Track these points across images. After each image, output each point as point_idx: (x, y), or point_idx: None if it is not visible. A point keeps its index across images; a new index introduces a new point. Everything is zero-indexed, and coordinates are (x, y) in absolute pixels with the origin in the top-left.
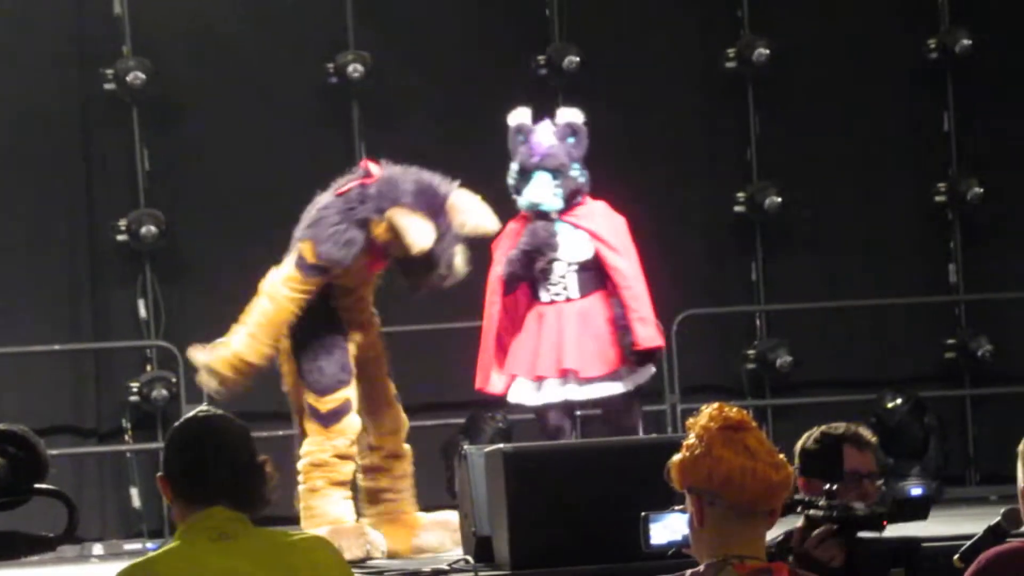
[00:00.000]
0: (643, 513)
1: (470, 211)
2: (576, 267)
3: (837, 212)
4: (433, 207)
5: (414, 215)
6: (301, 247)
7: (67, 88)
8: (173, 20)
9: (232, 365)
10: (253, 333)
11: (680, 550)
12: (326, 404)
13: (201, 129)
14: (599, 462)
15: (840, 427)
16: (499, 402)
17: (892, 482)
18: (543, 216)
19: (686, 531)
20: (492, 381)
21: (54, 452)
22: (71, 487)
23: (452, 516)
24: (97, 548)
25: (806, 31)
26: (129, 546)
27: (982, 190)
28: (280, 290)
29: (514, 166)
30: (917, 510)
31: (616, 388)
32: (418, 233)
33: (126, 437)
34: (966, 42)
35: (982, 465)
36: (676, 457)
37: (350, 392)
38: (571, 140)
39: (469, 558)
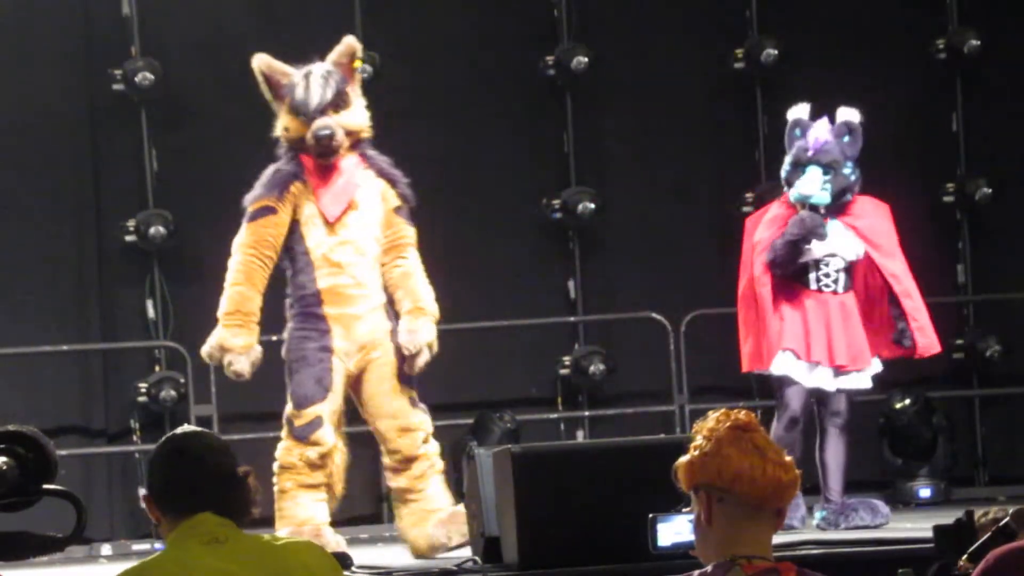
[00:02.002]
0: (651, 515)
1: None
2: (848, 264)
3: None
4: None
5: None
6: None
7: (75, 89)
8: (181, 21)
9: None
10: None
11: (688, 552)
12: (300, 418)
13: (210, 130)
14: (607, 462)
15: None
16: (510, 402)
17: (900, 483)
18: (812, 209)
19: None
20: (773, 359)
21: (63, 453)
22: (79, 487)
23: (461, 510)
24: (106, 548)
25: (814, 32)
26: (137, 546)
27: (990, 190)
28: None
29: (788, 159)
30: None
31: (867, 381)
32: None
33: (134, 438)
34: (974, 43)
35: (991, 465)
36: (683, 458)
37: (323, 408)
38: (846, 138)
39: (477, 558)
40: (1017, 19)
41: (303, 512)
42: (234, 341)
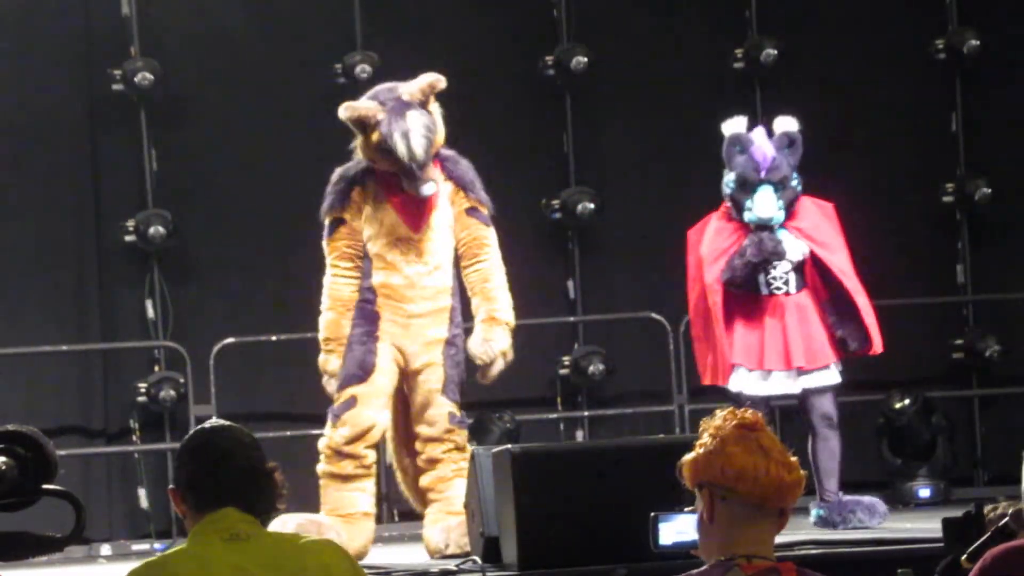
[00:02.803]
0: (652, 514)
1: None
2: (796, 265)
3: (843, 212)
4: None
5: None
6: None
7: (75, 88)
8: (181, 21)
9: None
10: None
11: (689, 552)
12: (338, 399)
13: (209, 129)
14: (607, 462)
15: None
16: (510, 402)
17: (899, 483)
18: (767, 228)
19: (695, 532)
20: (729, 375)
21: (62, 453)
22: (79, 488)
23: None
24: (105, 548)
25: (814, 31)
26: (137, 547)
27: (990, 191)
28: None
29: (731, 176)
30: None
31: (833, 378)
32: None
33: (134, 438)
34: (974, 42)
35: (990, 465)
36: (688, 455)
37: (359, 389)
38: (787, 150)
39: (477, 558)
40: (1017, 19)
41: (327, 500)
42: (329, 367)
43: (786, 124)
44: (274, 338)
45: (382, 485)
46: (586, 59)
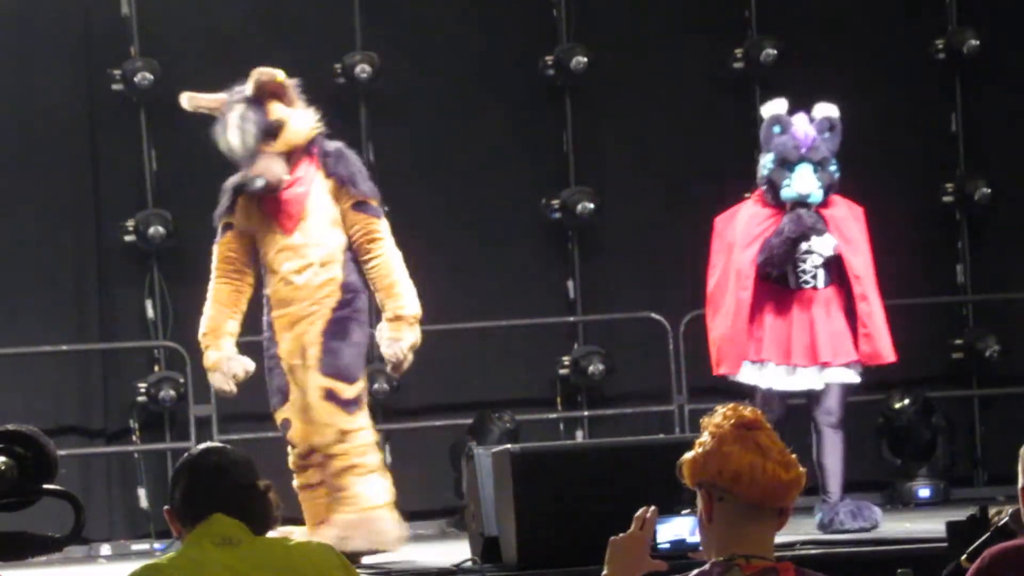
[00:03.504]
0: None
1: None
2: (826, 260)
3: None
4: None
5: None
6: None
7: (75, 89)
8: (181, 21)
9: None
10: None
11: (687, 553)
12: (276, 422)
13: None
14: (606, 462)
15: None
16: (509, 402)
17: (899, 483)
18: (805, 207)
19: (694, 533)
20: (743, 367)
21: (62, 453)
22: (78, 487)
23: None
24: (104, 548)
25: (814, 32)
26: (136, 546)
27: (990, 191)
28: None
29: (770, 156)
30: None
31: (852, 377)
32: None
33: (134, 438)
34: (974, 42)
35: (990, 465)
36: (688, 454)
37: (287, 411)
38: (828, 134)
39: (476, 558)
40: (1017, 19)
41: (306, 511)
42: (208, 361)
43: (827, 110)
44: None
45: None
46: (586, 59)
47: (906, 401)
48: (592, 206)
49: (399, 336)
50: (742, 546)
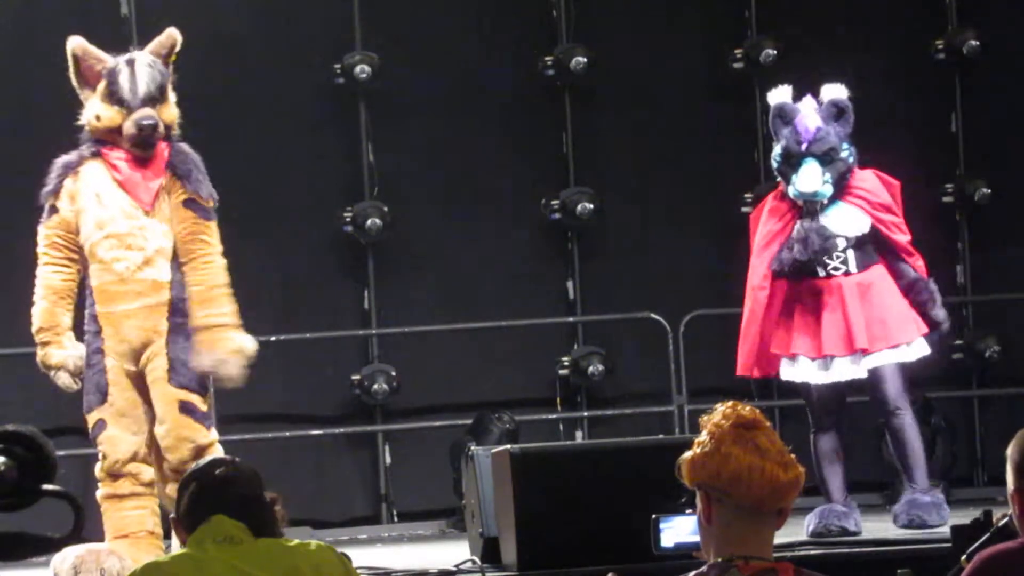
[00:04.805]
0: (654, 516)
1: None
2: (853, 241)
3: None
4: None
5: None
6: None
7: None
8: (180, 21)
9: None
10: None
11: (691, 553)
12: (89, 423)
13: (207, 130)
14: (606, 463)
15: None
16: (509, 403)
17: (899, 483)
18: (812, 206)
19: (696, 533)
20: (782, 365)
21: (62, 453)
22: (77, 488)
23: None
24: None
25: (813, 31)
26: None
27: (989, 191)
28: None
29: (778, 149)
30: None
31: (901, 356)
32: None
33: None
34: (974, 43)
35: (990, 466)
36: (687, 454)
37: (103, 411)
38: (836, 120)
39: (476, 559)
40: (1017, 19)
41: (108, 524)
42: (52, 360)
43: (834, 92)
44: (273, 338)
45: (381, 485)
46: (586, 59)
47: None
48: (592, 206)
49: (214, 347)
50: (741, 547)
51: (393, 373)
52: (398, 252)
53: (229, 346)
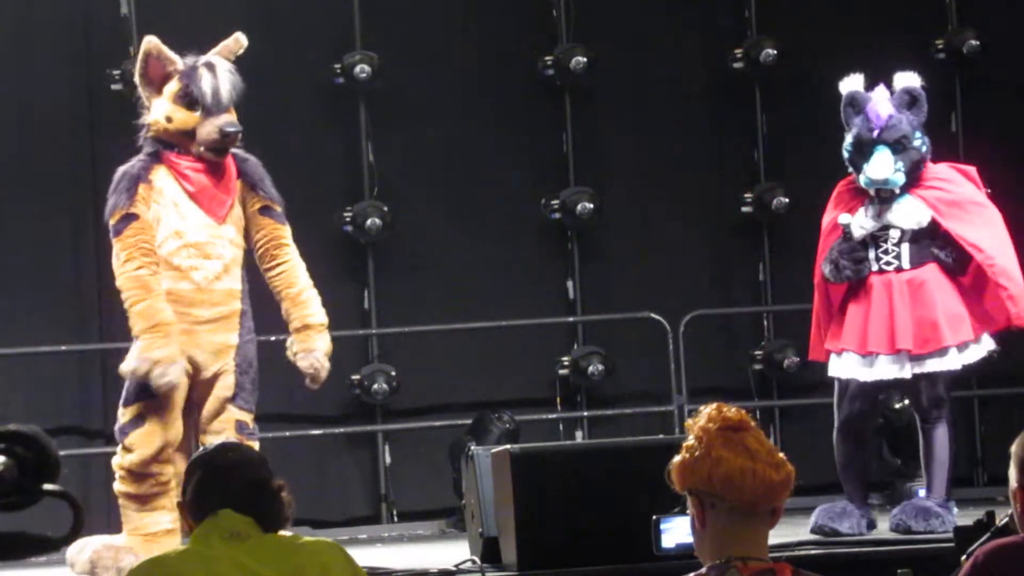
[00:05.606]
0: (655, 517)
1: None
2: (909, 235)
3: None
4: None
5: None
6: None
7: (74, 88)
8: (180, 21)
9: None
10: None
11: (692, 554)
12: (124, 415)
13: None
14: (606, 463)
15: None
16: (509, 402)
17: (899, 483)
18: (886, 191)
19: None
20: (831, 359)
21: (62, 453)
22: (78, 488)
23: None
24: None
25: (813, 32)
26: None
27: (989, 191)
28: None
29: (849, 138)
30: None
31: (948, 364)
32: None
33: None
34: (974, 42)
35: (990, 465)
36: (676, 459)
37: (147, 405)
38: (910, 108)
39: (476, 559)
40: (1017, 19)
41: (128, 521)
42: (159, 353)
43: (907, 80)
44: (273, 338)
45: (381, 485)
46: (586, 59)
47: (906, 401)
48: (592, 206)
49: (312, 347)
50: (737, 548)
51: (393, 373)
52: (398, 252)
53: (326, 347)
